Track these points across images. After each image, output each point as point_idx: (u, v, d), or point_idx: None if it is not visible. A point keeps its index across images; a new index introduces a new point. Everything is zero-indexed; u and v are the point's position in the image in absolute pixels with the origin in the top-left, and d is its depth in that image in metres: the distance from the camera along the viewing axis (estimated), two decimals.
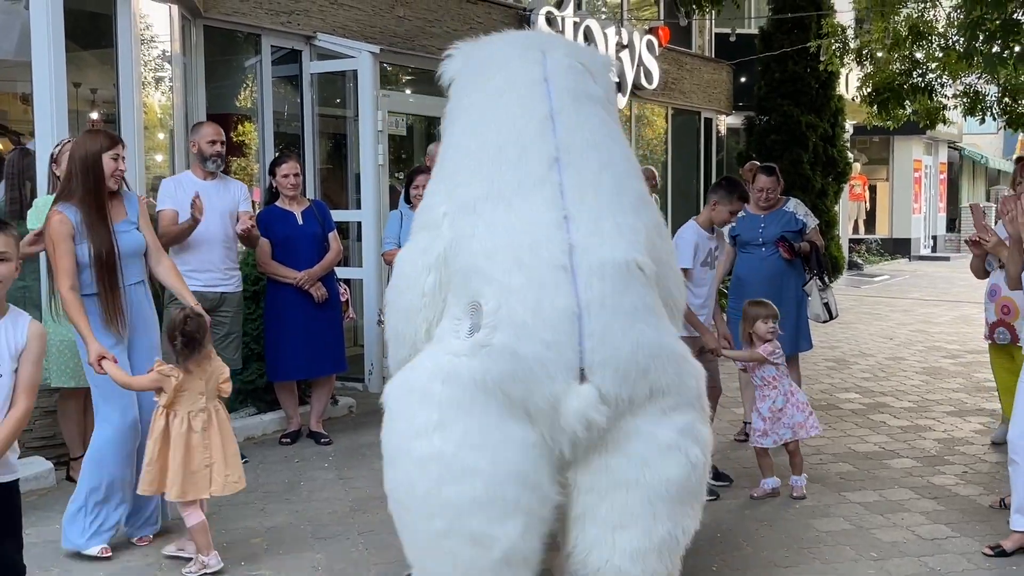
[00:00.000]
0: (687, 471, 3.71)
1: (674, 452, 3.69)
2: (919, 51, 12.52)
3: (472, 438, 3.58)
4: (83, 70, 7.99)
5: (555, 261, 3.58)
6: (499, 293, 3.59)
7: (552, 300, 3.53)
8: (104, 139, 4.91)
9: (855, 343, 11.77)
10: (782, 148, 15.51)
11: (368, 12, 9.84)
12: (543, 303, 3.54)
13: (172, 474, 4.54)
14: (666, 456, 3.68)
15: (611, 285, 3.59)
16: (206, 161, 6.33)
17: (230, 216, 6.38)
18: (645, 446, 3.66)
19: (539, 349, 3.52)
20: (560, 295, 3.54)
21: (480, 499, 3.54)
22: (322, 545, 5.03)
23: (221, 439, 4.64)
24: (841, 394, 8.73)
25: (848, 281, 19.18)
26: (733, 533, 5.19)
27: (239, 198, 6.46)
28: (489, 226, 3.73)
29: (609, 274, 3.60)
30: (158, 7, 7.34)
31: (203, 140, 6.36)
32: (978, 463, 6.49)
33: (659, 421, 3.68)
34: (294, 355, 6.87)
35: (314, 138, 9.46)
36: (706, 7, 11.02)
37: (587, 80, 4.13)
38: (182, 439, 4.54)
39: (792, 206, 6.95)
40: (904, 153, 27.21)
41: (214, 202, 6.25)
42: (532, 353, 3.52)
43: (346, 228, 9.10)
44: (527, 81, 4.06)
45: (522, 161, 3.83)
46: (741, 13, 17.57)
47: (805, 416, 5.76)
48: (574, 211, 3.70)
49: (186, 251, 6.24)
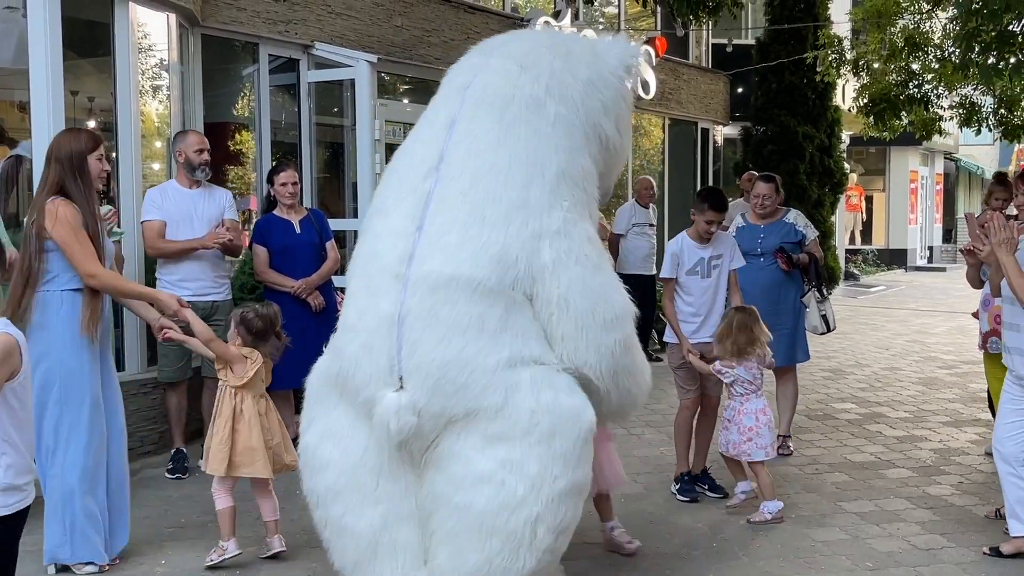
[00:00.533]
0: (497, 506, 3.56)
1: (487, 483, 3.58)
2: (915, 62, 12.55)
3: (328, 430, 3.85)
4: (81, 78, 7.99)
5: (392, 270, 3.70)
6: (347, 297, 3.94)
7: (377, 306, 3.67)
8: (88, 139, 4.80)
9: (851, 353, 11.78)
10: (779, 159, 15.51)
11: (366, 21, 9.86)
12: (369, 308, 3.71)
13: (241, 451, 4.79)
14: (478, 485, 3.59)
15: (433, 297, 3.62)
16: (195, 170, 6.29)
17: (217, 224, 6.36)
18: (462, 469, 3.63)
19: (357, 351, 3.71)
20: (386, 302, 3.66)
21: (336, 487, 3.76)
22: (318, 554, 4.98)
23: (278, 422, 4.99)
24: (837, 404, 8.73)
25: (844, 292, 19.19)
26: (729, 543, 5.19)
27: (224, 205, 6.45)
28: (363, 235, 4.01)
29: (432, 286, 3.63)
30: (156, 16, 7.35)
31: (190, 149, 6.32)
32: (974, 473, 6.50)
33: (480, 447, 3.61)
34: (291, 364, 6.78)
35: (312, 147, 9.46)
36: (703, 18, 11.03)
37: (522, 82, 4.06)
38: (257, 419, 4.81)
39: (792, 217, 6.96)
40: (900, 164, 27.26)
41: (201, 211, 6.24)
42: (351, 354, 3.73)
43: (344, 237, 9.09)
44: (454, 88, 4.19)
45: (408, 171, 3.99)
46: (738, 24, 17.60)
47: (743, 440, 5.58)
48: (428, 222, 3.77)
49: (176, 260, 6.24)
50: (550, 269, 3.74)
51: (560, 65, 4.17)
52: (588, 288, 3.79)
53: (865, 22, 12.55)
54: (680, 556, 4.96)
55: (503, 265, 3.68)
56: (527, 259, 3.73)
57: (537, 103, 4.03)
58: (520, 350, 3.68)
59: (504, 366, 3.62)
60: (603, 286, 3.85)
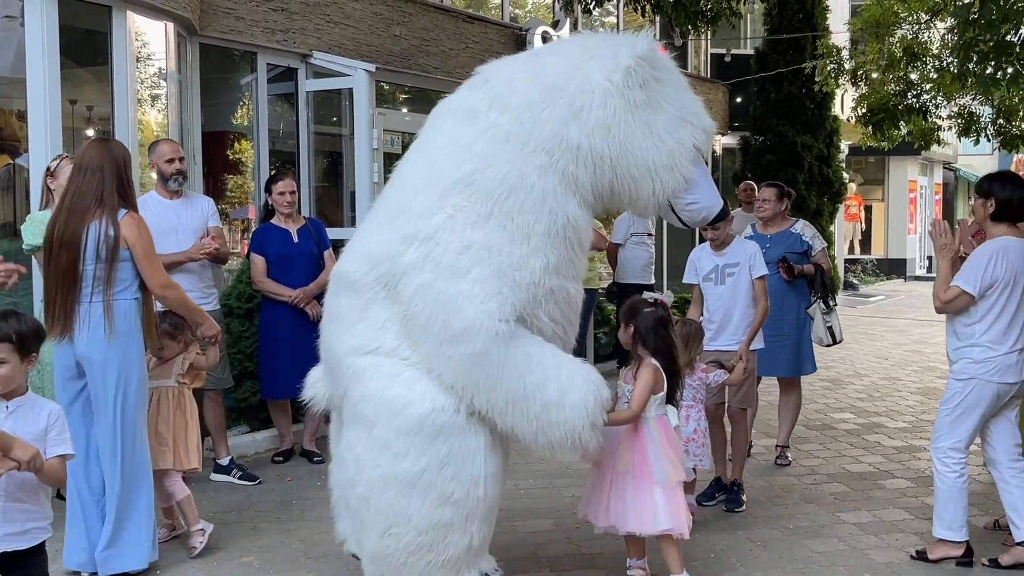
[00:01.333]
0: (346, 480, 4.11)
1: (340, 460, 4.20)
2: (914, 72, 12.56)
3: None
4: (80, 87, 7.99)
5: (338, 267, 4.22)
6: None
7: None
8: (126, 148, 5.02)
9: (850, 363, 11.77)
10: (777, 168, 15.51)
11: (364, 31, 9.87)
12: None
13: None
14: (339, 462, 4.23)
15: (331, 290, 4.21)
16: (167, 181, 6.18)
17: (201, 234, 6.26)
18: (337, 445, 4.25)
19: None
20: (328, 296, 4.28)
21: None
22: (313, 564, 5.00)
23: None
24: (836, 414, 8.71)
25: (844, 301, 19.19)
26: (727, 554, 5.17)
27: (208, 213, 6.33)
28: None
29: (333, 281, 4.22)
30: (154, 24, 7.35)
31: (161, 160, 6.17)
32: (972, 483, 6.45)
33: (343, 426, 4.15)
34: (288, 373, 6.78)
35: (310, 156, 9.47)
36: (701, 27, 11.03)
37: (474, 94, 4.08)
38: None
39: (799, 228, 6.95)
40: (899, 173, 27.28)
41: (185, 222, 6.15)
42: None
43: (342, 246, 9.08)
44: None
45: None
46: (736, 33, 17.63)
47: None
48: (360, 227, 4.36)
49: None
50: (407, 272, 3.86)
51: (524, 75, 4.03)
52: (436, 295, 3.78)
53: (863, 32, 12.56)
54: None
55: (370, 263, 3.95)
56: (391, 260, 3.89)
57: (473, 113, 4.02)
58: (370, 341, 3.93)
59: (351, 353, 3.96)
60: (454, 296, 3.75)
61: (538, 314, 3.88)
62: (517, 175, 3.85)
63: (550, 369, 3.82)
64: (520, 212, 3.82)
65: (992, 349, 4.84)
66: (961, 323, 4.95)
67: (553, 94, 3.92)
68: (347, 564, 4.95)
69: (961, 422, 4.95)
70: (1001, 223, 4.98)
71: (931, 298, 5.13)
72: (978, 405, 4.90)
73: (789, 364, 6.84)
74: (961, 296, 4.87)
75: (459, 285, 3.75)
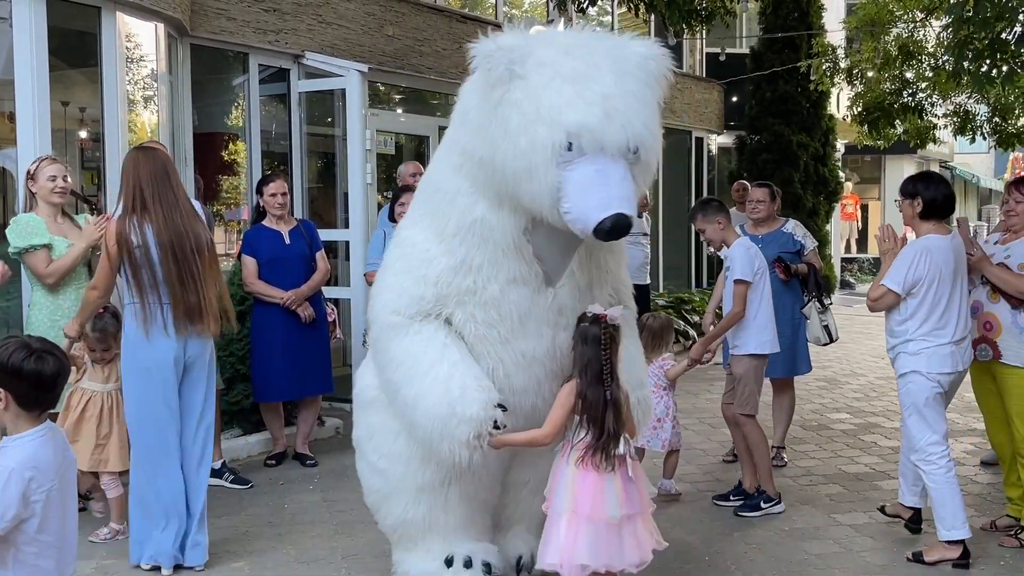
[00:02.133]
0: None
1: None
2: (909, 71, 12.55)
3: None
4: (71, 89, 7.94)
5: None
6: None
7: None
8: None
9: (846, 363, 11.74)
10: (773, 167, 15.50)
11: (357, 31, 9.82)
12: None
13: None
14: None
15: None
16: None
17: None
18: None
19: None
20: None
21: None
22: (305, 569, 4.96)
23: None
24: (832, 414, 8.68)
25: (840, 300, 19.15)
26: (722, 556, 5.13)
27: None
28: None
29: None
30: (144, 25, 7.30)
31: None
32: (969, 484, 6.44)
33: None
34: (280, 376, 6.79)
35: (302, 157, 9.42)
36: (696, 26, 11.01)
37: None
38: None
39: (791, 227, 6.94)
40: (895, 172, 27.24)
41: None
42: None
43: (334, 248, 9.05)
44: None
45: None
46: (731, 32, 17.57)
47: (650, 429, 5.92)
48: None
49: None
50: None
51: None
52: (375, 286, 4.30)
53: (859, 31, 12.56)
54: (672, 570, 4.89)
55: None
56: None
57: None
58: None
59: None
60: (377, 287, 4.21)
61: (455, 313, 3.89)
62: (439, 176, 4.04)
63: (421, 370, 3.86)
64: (437, 211, 3.98)
65: (926, 341, 4.99)
66: (894, 321, 5.13)
67: (464, 96, 3.95)
68: (338, 569, 4.93)
69: (924, 416, 5.05)
70: (928, 221, 5.21)
71: None
72: (930, 395, 5.02)
73: (784, 365, 6.81)
74: (888, 294, 5.08)
75: (385, 277, 4.15)
